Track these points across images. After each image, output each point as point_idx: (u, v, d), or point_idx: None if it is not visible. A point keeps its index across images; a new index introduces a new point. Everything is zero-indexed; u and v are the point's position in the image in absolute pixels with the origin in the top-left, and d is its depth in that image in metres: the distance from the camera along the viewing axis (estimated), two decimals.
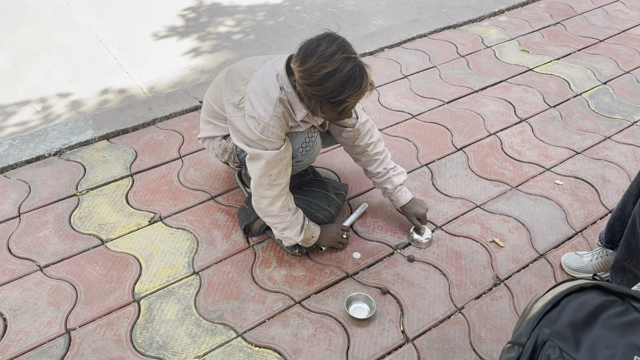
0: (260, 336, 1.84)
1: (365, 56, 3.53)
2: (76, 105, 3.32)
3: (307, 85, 1.65)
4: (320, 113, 1.75)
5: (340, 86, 1.61)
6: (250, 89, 1.82)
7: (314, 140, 1.98)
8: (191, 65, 3.76)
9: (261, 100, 1.78)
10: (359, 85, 1.63)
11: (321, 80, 1.61)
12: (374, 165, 2.17)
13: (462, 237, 2.23)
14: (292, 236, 1.98)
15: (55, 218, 2.27)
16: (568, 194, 2.45)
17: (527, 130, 2.86)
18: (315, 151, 2.02)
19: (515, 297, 1.99)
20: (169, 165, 2.56)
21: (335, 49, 1.61)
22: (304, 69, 1.63)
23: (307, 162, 2.02)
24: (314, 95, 1.66)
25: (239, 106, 1.85)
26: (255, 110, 1.78)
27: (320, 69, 1.60)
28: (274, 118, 1.77)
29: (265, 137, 1.79)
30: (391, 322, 1.89)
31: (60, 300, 1.94)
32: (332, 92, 1.62)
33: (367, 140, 2.12)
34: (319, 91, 1.63)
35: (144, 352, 1.78)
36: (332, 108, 1.70)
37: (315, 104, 1.70)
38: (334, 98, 1.64)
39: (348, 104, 1.68)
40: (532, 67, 3.43)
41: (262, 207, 1.94)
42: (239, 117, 1.84)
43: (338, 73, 1.59)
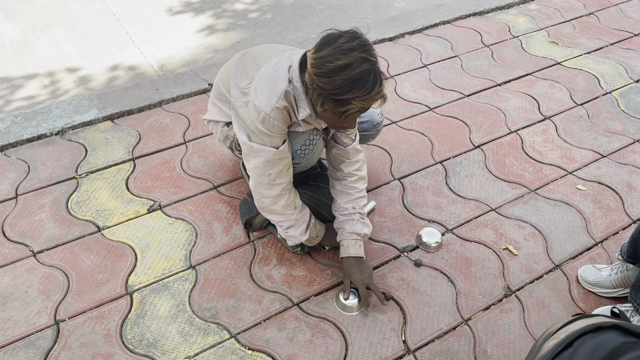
0: (254, 338, 1.76)
1: (385, 42, 3.38)
2: (84, 81, 3.24)
3: (315, 75, 1.52)
4: (320, 108, 1.60)
5: (348, 84, 1.47)
6: (259, 75, 1.71)
7: (315, 143, 1.84)
8: (204, 44, 3.65)
9: (266, 89, 1.66)
10: (368, 90, 1.49)
11: (331, 72, 1.48)
12: (345, 199, 1.92)
13: (473, 242, 2.11)
14: (297, 235, 1.88)
15: (52, 201, 2.20)
16: (590, 200, 2.31)
17: (551, 129, 2.70)
18: (315, 154, 1.88)
19: (526, 310, 1.88)
20: (173, 150, 2.47)
21: (355, 45, 1.48)
22: (317, 57, 1.51)
23: (306, 165, 1.89)
24: (319, 87, 1.53)
25: (244, 90, 1.74)
26: (257, 98, 1.66)
27: (333, 60, 1.47)
28: (275, 110, 1.65)
29: (265, 129, 1.67)
30: (392, 331, 1.80)
31: (51, 289, 1.88)
32: (338, 88, 1.49)
33: (352, 170, 1.93)
34: (325, 83, 1.50)
35: (133, 349, 1.71)
36: (334, 107, 1.55)
37: (318, 98, 1.56)
38: (338, 95, 1.50)
39: (352, 107, 1.52)
40: (561, 60, 3.25)
41: (264, 206, 1.84)
42: (242, 103, 1.73)
43: (350, 70, 1.46)
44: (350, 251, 1.87)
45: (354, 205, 1.92)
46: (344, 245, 1.89)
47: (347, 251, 1.88)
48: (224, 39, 3.70)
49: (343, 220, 1.92)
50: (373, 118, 2.15)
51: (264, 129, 1.67)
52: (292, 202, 1.84)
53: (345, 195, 1.94)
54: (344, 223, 1.91)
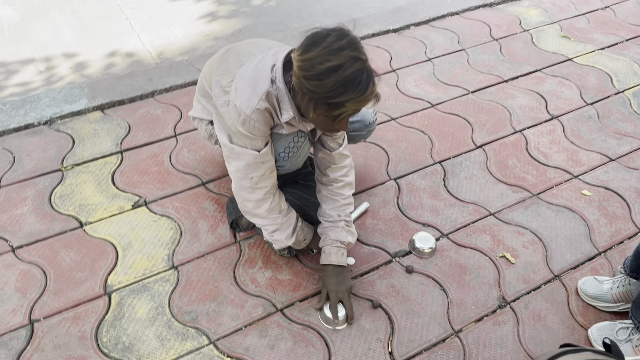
0: (234, 345, 1.69)
1: (389, 34, 3.26)
2: (81, 68, 3.17)
3: (304, 78, 1.41)
4: (312, 114, 1.49)
5: (341, 86, 1.38)
6: (240, 73, 1.62)
7: (299, 145, 1.74)
8: (205, 31, 3.56)
9: (247, 88, 1.56)
10: (362, 91, 1.40)
11: (321, 74, 1.38)
12: (330, 205, 1.84)
13: (469, 248, 2.02)
14: (283, 239, 1.79)
15: (35, 194, 2.14)
16: (595, 207, 2.20)
17: (558, 129, 2.58)
18: (300, 157, 1.78)
19: (520, 323, 1.78)
20: (162, 143, 2.39)
21: (344, 44, 1.38)
22: (305, 59, 1.40)
23: (290, 167, 1.80)
24: (309, 91, 1.42)
25: (225, 89, 1.65)
26: (238, 98, 1.56)
27: (323, 61, 1.37)
28: (256, 111, 1.55)
29: (246, 131, 1.58)
30: (379, 342, 1.72)
31: (28, 287, 1.82)
32: (331, 91, 1.39)
33: (338, 175, 1.84)
34: (316, 87, 1.40)
35: (108, 353, 1.65)
36: (327, 111, 1.45)
37: (309, 103, 1.44)
38: (331, 99, 1.40)
39: (345, 110, 1.43)
40: (572, 56, 3.11)
41: (247, 210, 1.76)
42: (223, 102, 1.65)
43: (342, 71, 1.37)
44: (332, 259, 1.79)
45: (339, 213, 1.84)
46: (325, 252, 1.81)
47: (329, 258, 1.79)
48: (226, 27, 3.60)
49: (327, 226, 1.83)
50: (365, 118, 2.05)
51: (245, 130, 1.58)
52: (277, 205, 1.75)
53: (331, 201, 1.85)
54: (328, 229, 1.83)
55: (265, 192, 1.69)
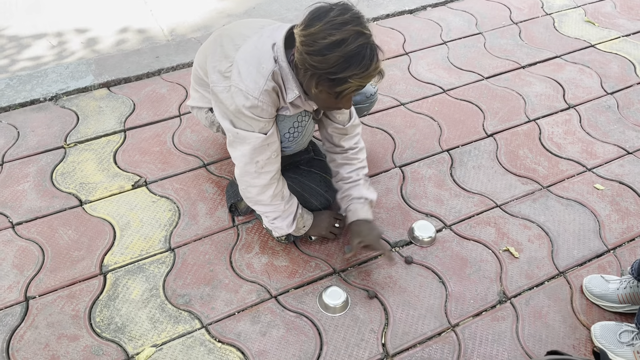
0: (225, 330, 1.68)
1: (404, 15, 3.16)
2: (92, 43, 3.15)
3: (307, 54, 1.39)
4: (314, 90, 1.47)
5: (344, 61, 1.36)
6: (240, 56, 1.57)
7: (304, 125, 1.71)
8: (218, 8, 3.50)
9: (251, 70, 1.53)
10: (366, 66, 1.38)
11: (324, 49, 1.36)
12: (348, 169, 1.86)
13: (472, 240, 1.96)
14: (284, 226, 1.77)
15: (37, 171, 2.14)
16: (607, 201, 2.12)
17: (574, 119, 2.49)
18: (305, 137, 1.76)
19: (520, 319, 1.73)
20: (166, 123, 2.37)
21: (347, 19, 1.36)
22: (308, 34, 1.38)
23: (295, 148, 1.77)
24: (312, 67, 1.40)
25: (225, 74, 1.60)
26: (243, 82, 1.53)
27: (326, 35, 1.35)
28: (264, 93, 1.52)
29: (254, 115, 1.55)
30: (372, 333, 1.69)
31: (25, 264, 1.83)
32: (334, 67, 1.37)
33: (352, 143, 1.87)
34: (319, 62, 1.38)
35: (100, 333, 1.66)
36: (330, 87, 1.43)
37: (311, 79, 1.43)
38: (334, 74, 1.38)
39: (349, 86, 1.41)
40: (595, 43, 2.99)
41: (250, 197, 1.73)
42: (224, 88, 1.60)
43: (345, 45, 1.35)
44: (360, 214, 1.80)
45: (358, 173, 1.86)
46: (351, 210, 1.82)
47: (357, 214, 1.80)
48: (239, 3, 3.54)
49: (348, 187, 1.85)
50: (366, 89, 2.03)
51: (253, 114, 1.55)
52: (280, 192, 1.72)
53: (347, 165, 1.87)
54: (349, 190, 1.84)
55: (271, 177, 1.67)
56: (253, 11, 3.47)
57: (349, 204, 1.83)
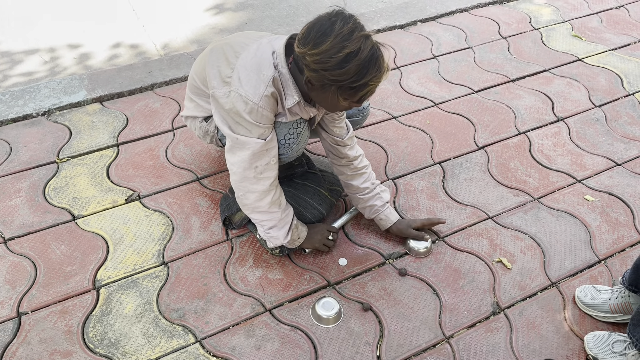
0: (220, 345, 1.67)
1: (395, 30, 3.20)
2: (85, 58, 3.16)
3: (324, 70, 1.43)
4: (342, 102, 1.52)
5: (362, 68, 1.42)
6: (241, 63, 1.61)
7: (299, 131, 1.74)
8: (211, 24, 3.53)
9: (251, 77, 1.58)
10: (380, 67, 1.46)
11: (342, 62, 1.40)
12: (360, 180, 1.95)
13: (465, 252, 1.98)
14: (280, 236, 1.78)
15: (29, 186, 2.13)
16: (598, 212, 2.14)
17: (563, 131, 2.52)
18: (300, 143, 1.78)
19: (514, 330, 1.74)
20: (159, 137, 2.38)
21: (352, 27, 1.41)
22: (320, 51, 1.41)
23: (291, 155, 1.79)
24: (333, 82, 1.45)
25: (226, 80, 1.64)
26: (243, 88, 1.57)
27: (340, 49, 1.39)
28: (264, 98, 1.57)
29: (253, 120, 1.59)
30: (367, 345, 1.69)
31: (17, 279, 1.82)
32: (355, 76, 1.43)
33: (355, 153, 1.94)
34: (339, 75, 1.42)
35: (93, 349, 1.64)
36: (353, 95, 1.49)
37: (334, 93, 1.48)
38: (355, 82, 1.44)
39: (370, 88, 1.48)
40: (583, 56, 3.04)
41: (248, 203, 1.74)
42: (224, 93, 1.63)
43: (360, 53, 1.41)
44: (392, 218, 1.96)
45: (372, 182, 1.97)
46: (384, 216, 1.96)
47: (391, 218, 1.96)
48: (232, 19, 3.57)
49: (369, 197, 1.95)
50: None
51: (252, 119, 1.59)
52: (278, 199, 1.74)
53: (359, 176, 1.96)
54: (371, 200, 1.95)
55: (270, 184, 1.69)
56: (245, 26, 3.50)
57: (378, 213, 1.96)
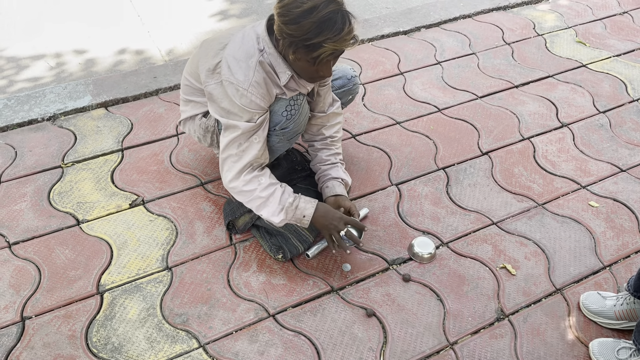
0: (223, 350, 1.67)
1: (399, 35, 3.21)
2: (90, 64, 3.17)
3: (283, 24, 1.51)
4: (292, 57, 1.58)
5: (316, 27, 1.47)
6: (228, 52, 1.68)
7: (299, 104, 1.78)
8: (215, 29, 3.55)
9: (241, 65, 1.65)
10: (338, 30, 1.49)
11: (298, 17, 1.47)
12: (326, 152, 2.02)
13: (469, 258, 1.97)
14: (269, 217, 1.75)
15: (34, 190, 2.14)
16: (602, 218, 2.13)
17: (567, 137, 2.52)
18: (302, 117, 1.83)
19: (518, 337, 1.73)
20: (163, 142, 2.38)
21: None
22: (282, 5, 1.50)
23: (294, 129, 1.82)
24: (288, 36, 1.52)
25: (216, 71, 1.71)
26: (233, 76, 1.64)
27: (299, 4, 1.47)
28: (254, 85, 1.64)
29: (243, 105, 1.66)
30: (371, 351, 1.68)
31: (22, 283, 1.82)
32: (308, 33, 1.48)
33: (332, 132, 2.02)
34: (294, 30, 1.49)
35: (97, 353, 1.64)
36: (306, 53, 1.54)
37: (289, 48, 1.55)
38: (308, 40, 1.49)
39: (324, 50, 1.51)
40: (587, 62, 3.04)
41: (226, 183, 1.80)
42: (216, 84, 1.70)
43: (316, 12, 1.46)
44: (337, 190, 1.93)
45: (336, 157, 2.01)
46: (329, 186, 1.95)
47: (334, 190, 1.93)
48: (236, 25, 3.55)
49: (327, 168, 1.99)
50: (346, 72, 2.16)
51: (242, 104, 1.66)
52: (256, 178, 1.76)
53: (326, 150, 2.02)
54: (328, 170, 1.98)
55: (248, 162, 1.74)
56: None
57: (327, 181, 1.97)
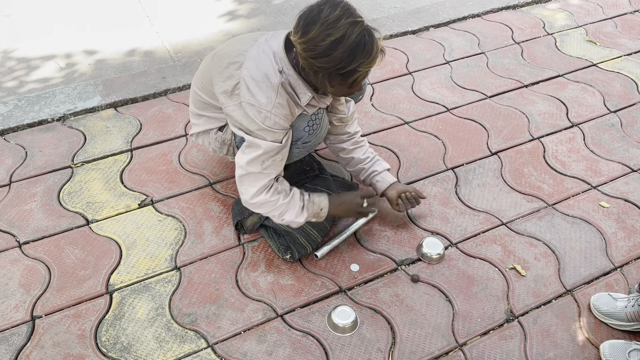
0: (231, 350, 1.67)
1: (407, 35, 3.20)
2: (99, 64, 3.19)
3: (312, 58, 1.47)
4: (329, 88, 1.57)
5: (349, 55, 1.44)
6: (246, 74, 1.62)
7: (320, 117, 1.77)
8: (224, 30, 3.55)
9: (261, 87, 1.60)
10: (369, 52, 1.47)
11: (327, 50, 1.44)
12: (361, 152, 2.05)
13: (478, 259, 1.96)
14: (294, 219, 1.77)
15: (44, 190, 2.15)
16: (613, 219, 2.11)
17: (578, 137, 2.50)
18: (323, 130, 1.82)
19: (528, 338, 1.72)
20: (172, 142, 2.39)
21: (339, 14, 1.43)
22: (307, 40, 1.45)
23: (315, 142, 1.82)
24: (320, 69, 1.49)
25: (234, 92, 1.65)
26: (254, 98, 1.60)
27: (325, 37, 1.43)
28: (277, 106, 1.61)
29: (267, 127, 1.62)
30: (379, 352, 1.68)
31: (32, 283, 1.83)
32: (341, 62, 1.45)
33: (356, 128, 2.05)
34: (325, 63, 1.46)
35: (106, 353, 1.65)
36: (342, 81, 1.52)
37: (323, 79, 1.53)
38: (343, 69, 1.47)
39: (359, 74, 1.50)
40: (597, 62, 3.01)
41: (247, 199, 1.75)
42: (235, 106, 1.66)
43: (345, 40, 1.43)
44: (389, 180, 2.01)
45: (371, 152, 2.07)
46: (379, 179, 2.01)
47: (387, 181, 2.01)
48: (245, 25, 3.59)
49: (370, 165, 2.03)
50: None
51: (267, 126, 1.62)
52: (276, 189, 1.75)
53: (359, 149, 2.05)
54: (372, 166, 2.03)
55: (270, 179, 1.72)
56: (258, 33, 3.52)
57: (376, 176, 2.02)
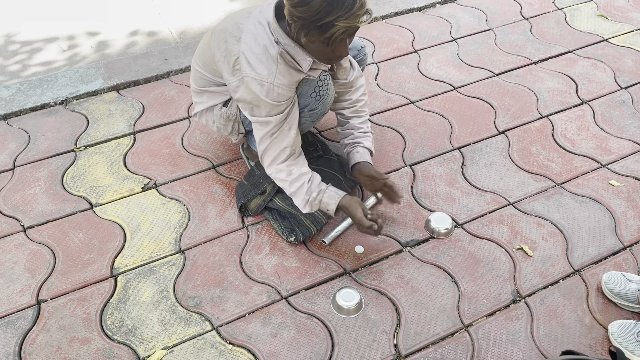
0: (236, 332, 1.67)
1: (413, 12, 3.13)
2: (102, 47, 3.16)
3: (292, 7, 1.45)
4: (304, 40, 1.53)
5: (326, 5, 1.40)
6: (245, 47, 1.62)
7: (327, 83, 1.75)
8: (227, 10, 3.50)
9: (261, 59, 1.60)
10: (349, 7, 1.41)
11: None
12: (358, 120, 2.00)
13: (485, 239, 1.93)
14: (299, 206, 1.79)
15: (48, 175, 2.15)
16: (623, 198, 2.07)
17: (588, 115, 2.44)
18: (329, 96, 1.80)
19: (535, 319, 1.70)
20: (175, 125, 2.37)
21: None
22: None
23: (322, 109, 1.80)
24: (299, 19, 1.46)
25: (235, 68, 1.65)
26: (255, 71, 1.60)
27: None
28: (279, 77, 1.60)
29: (271, 100, 1.62)
30: (384, 333, 1.67)
31: (37, 267, 1.84)
32: (318, 13, 1.42)
33: (358, 95, 1.99)
34: (303, 12, 1.43)
35: (111, 336, 1.66)
36: (319, 34, 1.47)
37: (300, 31, 1.50)
38: (320, 20, 1.43)
39: (337, 29, 1.45)
40: (608, 37, 2.94)
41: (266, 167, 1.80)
42: (237, 81, 1.66)
43: None
44: (366, 158, 1.94)
45: (368, 125, 2.02)
46: (359, 152, 1.94)
47: (364, 157, 1.93)
48: (248, 5, 3.53)
49: (361, 135, 1.98)
50: (355, 44, 2.08)
51: (270, 100, 1.62)
52: (287, 168, 1.75)
53: (357, 117, 2.01)
54: (361, 138, 1.97)
55: (279, 150, 1.73)
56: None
57: (357, 147, 1.96)
